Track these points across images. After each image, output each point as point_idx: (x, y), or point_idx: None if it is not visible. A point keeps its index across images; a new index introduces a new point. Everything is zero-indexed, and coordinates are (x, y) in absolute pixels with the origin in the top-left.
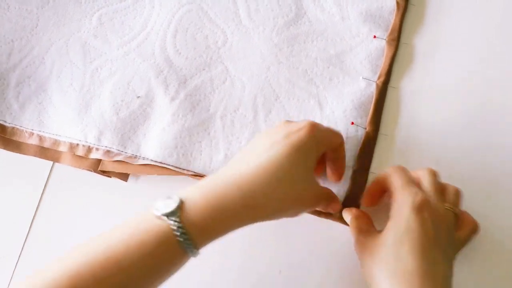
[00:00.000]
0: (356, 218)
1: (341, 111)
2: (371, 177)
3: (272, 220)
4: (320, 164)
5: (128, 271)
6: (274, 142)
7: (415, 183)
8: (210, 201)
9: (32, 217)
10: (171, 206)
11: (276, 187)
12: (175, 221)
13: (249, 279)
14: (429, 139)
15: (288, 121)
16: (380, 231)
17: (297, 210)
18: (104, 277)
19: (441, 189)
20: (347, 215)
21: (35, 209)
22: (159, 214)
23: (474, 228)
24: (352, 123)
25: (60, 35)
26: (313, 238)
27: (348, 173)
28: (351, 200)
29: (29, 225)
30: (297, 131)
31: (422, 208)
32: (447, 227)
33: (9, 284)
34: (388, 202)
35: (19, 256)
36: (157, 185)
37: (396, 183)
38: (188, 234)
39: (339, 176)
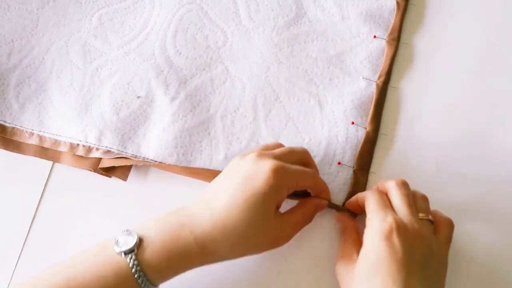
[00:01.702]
0: (344, 230)
1: (341, 111)
2: (371, 177)
3: (229, 260)
4: None
5: None
6: (232, 185)
7: (387, 206)
8: (165, 244)
9: (32, 217)
10: (130, 243)
11: (226, 237)
12: (131, 258)
13: (248, 280)
14: (429, 139)
15: (260, 155)
16: (357, 258)
17: (253, 253)
18: None
19: (411, 200)
20: (338, 222)
21: (35, 209)
22: (118, 250)
23: (450, 224)
24: (352, 123)
25: (60, 35)
26: (312, 240)
27: (348, 173)
28: (345, 208)
29: (29, 225)
30: (257, 177)
31: (391, 235)
32: (426, 241)
33: (9, 284)
34: None
35: (19, 256)
36: (157, 185)
37: (371, 207)
38: (143, 271)
39: (323, 204)
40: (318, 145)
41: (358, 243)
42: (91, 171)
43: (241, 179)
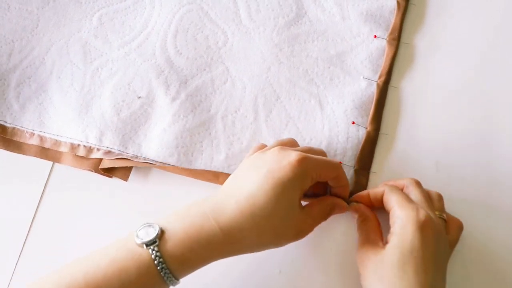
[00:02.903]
0: (364, 220)
1: (341, 110)
2: (372, 177)
3: (253, 252)
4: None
5: None
6: (257, 176)
7: (413, 200)
8: (188, 234)
9: (32, 217)
10: (151, 235)
11: (253, 224)
12: (153, 250)
13: (249, 279)
14: (430, 139)
15: (282, 148)
16: (383, 245)
17: (278, 243)
18: None
19: (428, 198)
20: (354, 213)
21: (35, 209)
22: (139, 242)
23: (460, 227)
24: (353, 122)
25: (61, 35)
26: (313, 238)
27: (349, 173)
28: (352, 201)
29: (29, 225)
30: (283, 166)
31: (426, 226)
32: (444, 238)
33: (9, 284)
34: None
35: (19, 256)
36: (158, 185)
37: (396, 200)
38: (166, 264)
39: (343, 207)
40: (318, 145)
41: (380, 231)
42: (91, 171)
43: (266, 170)
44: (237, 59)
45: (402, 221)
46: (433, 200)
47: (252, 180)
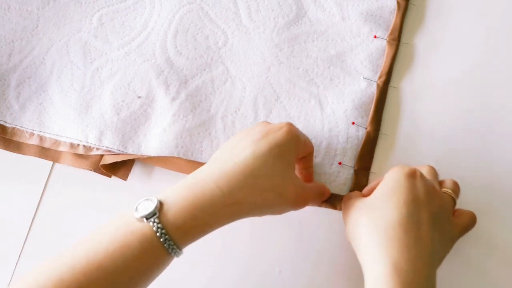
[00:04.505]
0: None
1: (341, 111)
2: (372, 177)
3: (256, 216)
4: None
5: (111, 276)
6: (253, 141)
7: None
8: (188, 200)
9: (32, 217)
10: (150, 208)
11: (254, 183)
12: (154, 222)
13: (249, 279)
14: (430, 139)
15: (267, 122)
16: None
17: (279, 206)
18: (88, 283)
19: (437, 178)
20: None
21: (35, 209)
22: (138, 216)
23: (473, 218)
24: (353, 123)
25: (61, 35)
26: (313, 238)
27: (349, 173)
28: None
29: (29, 225)
30: (276, 131)
31: (414, 175)
32: (441, 203)
33: (9, 284)
34: None
35: (19, 256)
36: (157, 185)
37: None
38: (168, 234)
39: (327, 190)
40: (318, 145)
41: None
42: (91, 170)
43: (261, 135)
44: (237, 59)
45: (390, 172)
46: (445, 182)
47: (247, 145)
